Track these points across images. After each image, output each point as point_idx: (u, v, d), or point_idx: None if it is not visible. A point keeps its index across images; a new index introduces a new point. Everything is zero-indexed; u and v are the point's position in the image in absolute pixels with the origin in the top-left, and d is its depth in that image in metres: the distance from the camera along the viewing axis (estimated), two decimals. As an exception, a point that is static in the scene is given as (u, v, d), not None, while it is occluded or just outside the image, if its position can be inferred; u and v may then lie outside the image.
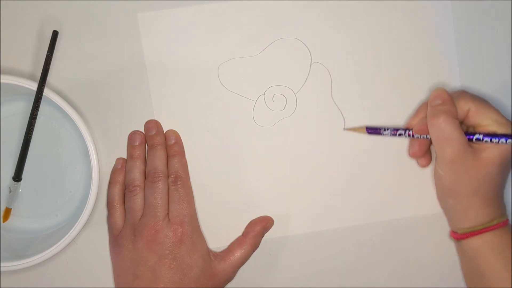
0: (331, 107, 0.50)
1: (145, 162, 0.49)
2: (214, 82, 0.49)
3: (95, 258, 0.50)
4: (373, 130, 0.48)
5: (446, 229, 0.50)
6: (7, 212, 0.49)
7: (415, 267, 0.51)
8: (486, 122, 0.44)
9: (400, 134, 0.47)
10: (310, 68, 0.49)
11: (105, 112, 0.49)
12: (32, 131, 0.46)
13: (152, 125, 0.49)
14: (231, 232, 0.50)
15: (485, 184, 0.44)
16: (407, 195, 0.50)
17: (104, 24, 0.49)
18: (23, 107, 0.49)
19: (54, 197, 0.50)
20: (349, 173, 0.50)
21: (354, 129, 0.49)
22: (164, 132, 0.49)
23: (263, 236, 0.50)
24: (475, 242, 0.45)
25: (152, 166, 0.48)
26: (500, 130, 0.44)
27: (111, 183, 0.49)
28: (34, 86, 0.45)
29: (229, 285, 0.48)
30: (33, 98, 0.46)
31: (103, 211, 0.49)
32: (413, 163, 0.50)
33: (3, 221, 0.49)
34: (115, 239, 0.47)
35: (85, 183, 0.49)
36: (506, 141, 0.43)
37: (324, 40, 0.49)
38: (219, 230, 0.50)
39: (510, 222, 0.46)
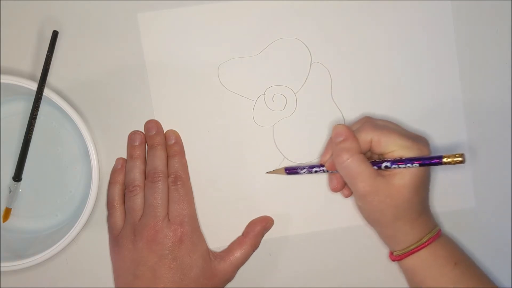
0: (331, 107, 0.50)
1: (145, 162, 0.49)
2: (214, 82, 0.49)
3: (95, 258, 0.50)
4: (292, 170, 0.49)
5: (444, 229, 0.50)
6: (7, 212, 0.49)
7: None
8: (391, 148, 0.44)
9: (316, 171, 0.48)
10: (310, 68, 0.49)
11: (105, 112, 0.49)
12: (32, 131, 0.46)
13: (152, 125, 0.49)
14: (231, 232, 0.50)
15: (404, 209, 0.44)
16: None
17: (104, 24, 0.49)
18: (23, 107, 0.49)
19: (54, 197, 0.50)
20: (349, 173, 0.50)
21: (275, 172, 0.49)
22: (164, 132, 0.49)
23: (263, 236, 0.50)
24: (409, 262, 0.46)
25: (152, 166, 0.48)
26: (406, 153, 0.43)
27: (111, 183, 0.49)
28: (34, 86, 0.45)
29: (229, 285, 0.48)
30: (33, 98, 0.46)
31: (103, 211, 0.49)
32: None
33: (3, 221, 0.49)
34: (115, 239, 0.47)
35: (85, 183, 0.49)
36: (412, 164, 0.43)
37: (324, 40, 0.49)
38: (219, 230, 0.50)
39: (441, 233, 0.46)
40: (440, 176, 0.50)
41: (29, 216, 0.50)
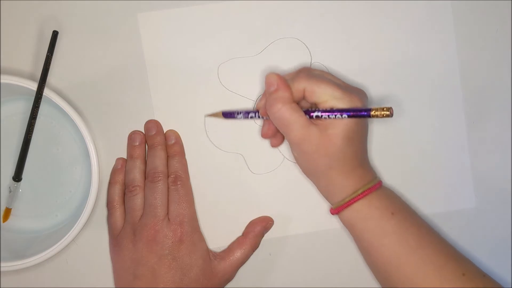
0: (331, 107, 0.50)
1: (145, 162, 0.49)
2: (214, 82, 0.49)
3: (95, 258, 0.50)
4: (229, 115, 0.48)
5: (444, 229, 0.50)
6: (7, 212, 0.49)
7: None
8: (324, 98, 0.43)
9: (251, 117, 0.47)
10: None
11: (105, 112, 0.49)
12: (32, 131, 0.46)
13: (152, 125, 0.49)
14: (231, 232, 0.50)
15: (338, 159, 0.44)
16: (406, 195, 0.50)
17: (104, 24, 0.49)
18: (23, 107, 0.49)
19: (54, 197, 0.50)
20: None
21: (213, 115, 0.49)
22: (164, 132, 0.49)
23: (263, 236, 0.50)
24: (346, 215, 0.45)
25: (152, 166, 0.48)
26: (337, 104, 0.43)
27: (111, 183, 0.49)
28: (34, 86, 0.45)
29: (229, 285, 0.48)
30: (33, 98, 0.46)
31: (103, 211, 0.49)
32: (412, 163, 0.50)
33: (3, 221, 0.49)
34: (115, 239, 0.47)
35: (85, 183, 0.49)
36: (341, 116, 0.42)
37: (324, 40, 0.49)
38: (219, 230, 0.50)
39: (381, 186, 0.46)
40: (440, 176, 0.50)
41: (29, 216, 0.50)
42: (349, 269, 0.51)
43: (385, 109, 0.41)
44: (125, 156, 0.50)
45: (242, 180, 0.50)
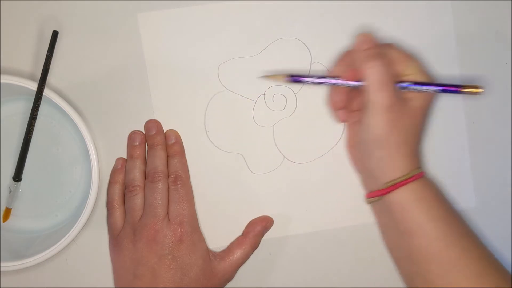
0: (331, 107, 0.50)
1: (145, 162, 0.49)
2: (214, 82, 0.49)
3: (95, 258, 0.50)
4: (295, 78, 0.47)
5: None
6: (7, 212, 0.49)
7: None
8: (410, 71, 0.44)
9: (323, 82, 0.46)
10: (310, 68, 0.49)
11: (105, 112, 0.49)
12: (32, 131, 0.46)
13: (152, 125, 0.49)
14: (231, 232, 0.50)
15: (414, 133, 0.44)
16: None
17: (104, 24, 0.49)
18: (23, 107, 0.49)
19: (54, 197, 0.50)
20: (348, 172, 0.50)
21: (273, 77, 0.48)
22: (164, 131, 0.49)
23: (263, 236, 0.50)
24: (402, 193, 0.44)
25: (152, 166, 0.48)
26: (422, 79, 0.44)
27: (110, 183, 0.49)
28: (34, 86, 0.45)
29: (229, 285, 0.48)
30: (33, 98, 0.46)
31: (103, 211, 0.49)
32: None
33: (3, 221, 0.49)
34: (115, 239, 0.47)
35: (85, 183, 0.49)
36: (428, 89, 0.43)
37: (324, 40, 0.49)
38: (219, 230, 0.50)
39: (426, 174, 0.46)
40: (440, 176, 0.50)
41: (29, 216, 0.50)
42: (349, 269, 0.51)
43: (478, 86, 0.44)
44: (125, 156, 0.50)
45: (242, 180, 0.50)
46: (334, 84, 0.46)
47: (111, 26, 0.49)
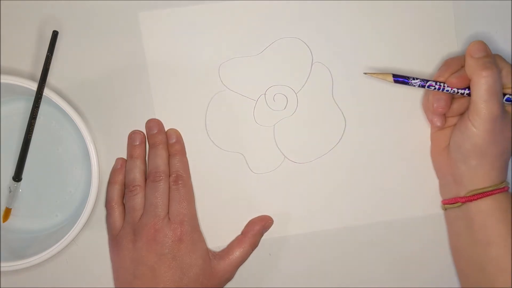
0: (332, 107, 0.50)
1: (145, 162, 0.49)
2: (215, 82, 0.49)
3: (95, 258, 0.50)
4: (401, 79, 0.47)
5: (445, 229, 0.50)
6: (7, 212, 0.49)
7: (414, 267, 0.51)
8: (510, 84, 0.44)
9: (430, 86, 0.46)
10: (311, 68, 0.49)
11: (105, 112, 0.49)
12: (32, 131, 0.46)
13: (154, 124, 0.49)
14: (231, 232, 0.50)
15: (509, 146, 0.45)
16: (407, 195, 0.50)
17: (105, 24, 0.49)
18: (23, 107, 0.49)
19: (54, 197, 0.50)
20: (349, 173, 0.50)
21: (377, 75, 0.47)
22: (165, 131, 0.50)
23: (262, 235, 0.50)
24: (487, 203, 0.45)
25: (154, 166, 0.48)
26: None
27: (110, 183, 0.49)
28: (34, 86, 0.45)
29: (229, 285, 0.48)
30: (33, 98, 0.45)
31: (103, 211, 0.49)
32: (413, 163, 0.50)
33: (3, 221, 0.49)
34: (115, 239, 0.47)
35: (85, 183, 0.49)
36: None
37: (325, 40, 0.49)
38: (219, 229, 0.50)
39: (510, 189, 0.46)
40: (440, 176, 0.50)
41: (29, 216, 0.50)
42: (349, 269, 0.51)
43: None
44: (125, 156, 0.49)
45: (242, 180, 0.50)
46: (439, 89, 0.46)
47: (112, 26, 0.49)
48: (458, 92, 0.45)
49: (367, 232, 0.50)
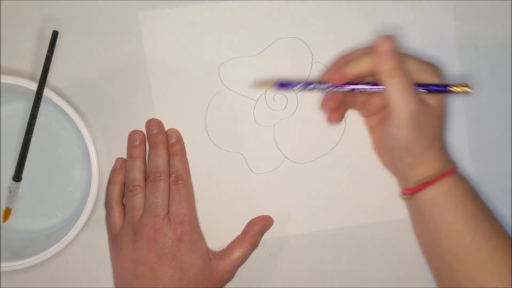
0: (331, 107, 0.50)
1: (145, 162, 0.49)
2: (215, 81, 0.49)
3: (95, 258, 0.50)
4: (285, 85, 0.46)
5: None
6: (7, 212, 0.49)
7: (414, 267, 0.51)
8: (413, 70, 0.44)
9: (313, 88, 0.46)
10: (311, 68, 0.49)
11: (105, 112, 0.49)
12: (32, 131, 0.46)
13: (154, 124, 0.49)
14: (231, 232, 0.50)
15: (437, 133, 0.44)
16: (407, 195, 0.50)
17: (105, 23, 0.49)
18: (23, 107, 0.49)
19: (54, 197, 0.50)
20: (349, 173, 0.50)
21: (263, 83, 0.48)
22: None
23: (262, 235, 0.50)
24: (431, 191, 0.44)
25: (154, 166, 0.48)
26: (426, 76, 0.44)
27: (110, 183, 0.49)
28: (34, 86, 0.45)
29: (229, 285, 0.48)
30: (33, 98, 0.45)
31: (103, 211, 0.49)
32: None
33: (3, 221, 0.49)
34: (115, 239, 0.47)
35: (85, 183, 0.49)
36: (417, 89, 0.43)
37: (325, 39, 0.49)
38: (219, 229, 0.50)
39: (457, 169, 0.46)
40: (440, 176, 0.50)
41: (29, 216, 0.50)
42: (349, 269, 0.51)
43: (464, 85, 0.43)
44: (125, 156, 0.49)
45: (242, 180, 0.50)
46: (321, 89, 0.45)
47: (112, 26, 0.49)
48: (343, 90, 0.45)
49: (367, 232, 0.50)
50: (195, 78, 0.49)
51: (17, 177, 0.47)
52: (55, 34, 0.46)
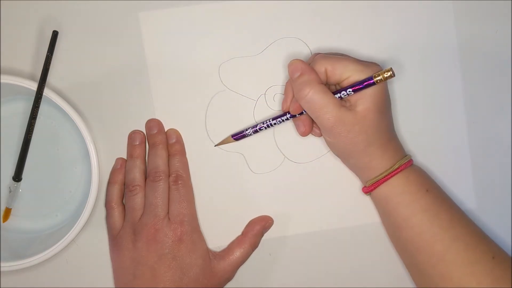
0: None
1: (145, 162, 0.49)
2: (215, 82, 0.49)
3: (95, 258, 0.50)
4: (239, 135, 0.49)
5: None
6: (7, 212, 0.49)
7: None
8: (347, 74, 0.44)
9: (269, 125, 0.48)
10: (311, 68, 0.49)
11: (105, 112, 0.49)
12: (32, 131, 0.46)
13: (154, 124, 0.49)
14: (231, 232, 0.50)
15: (374, 133, 0.44)
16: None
17: (105, 24, 0.49)
18: (23, 107, 0.49)
19: (54, 197, 0.50)
20: (349, 172, 0.50)
21: (223, 142, 0.49)
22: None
23: (262, 235, 0.50)
24: (382, 190, 0.45)
25: (154, 165, 0.48)
26: (362, 77, 0.43)
27: (110, 183, 0.49)
28: (34, 86, 0.45)
29: (229, 285, 0.48)
30: (33, 98, 0.45)
31: (103, 211, 0.49)
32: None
33: (3, 221, 0.49)
34: (115, 239, 0.47)
35: (85, 183, 0.49)
36: (363, 86, 0.43)
37: (325, 39, 0.49)
38: (219, 229, 0.50)
39: (413, 163, 0.46)
40: (440, 176, 0.50)
41: (29, 216, 0.50)
42: (349, 269, 0.51)
43: (385, 71, 0.42)
44: (125, 156, 0.49)
45: (242, 180, 0.50)
46: (270, 126, 0.48)
47: (112, 26, 0.49)
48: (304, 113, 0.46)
49: (367, 232, 0.50)
50: (195, 78, 0.49)
51: (17, 177, 0.47)
52: (55, 34, 0.46)
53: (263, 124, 0.48)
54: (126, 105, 0.49)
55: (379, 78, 0.43)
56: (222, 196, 0.50)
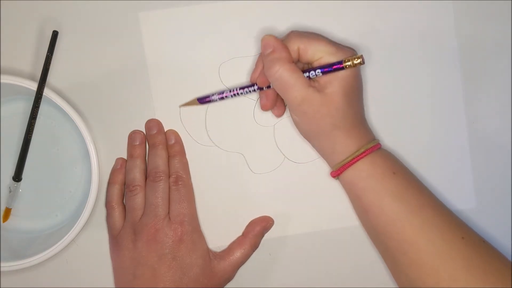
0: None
1: (145, 162, 0.49)
2: (215, 82, 0.49)
3: (95, 258, 0.50)
4: (204, 99, 0.48)
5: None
6: (7, 212, 0.49)
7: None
8: (318, 55, 0.44)
9: (236, 94, 0.47)
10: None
11: (105, 112, 0.49)
12: (32, 131, 0.46)
13: (153, 124, 0.49)
14: (231, 232, 0.50)
15: (340, 117, 0.44)
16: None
17: (105, 24, 0.49)
18: (23, 107, 0.49)
19: (54, 197, 0.50)
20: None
21: (187, 104, 0.49)
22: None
23: (263, 236, 0.50)
24: (349, 175, 0.45)
25: (154, 166, 0.48)
26: (332, 59, 0.43)
27: (110, 183, 0.49)
28: (34, 86, 0.45)
29: (229, 285, 0.48)
30: (33, 98, 0.46)
31: (103, 211, 0.49)
32: (412, 164, 0.50)
33: (3, 221, 0.49)
34: (115, 239, 0.47)
35: (85, 183, 0.49)
36: (332, 69, 0.43)
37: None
38: (219, 230, 0.50)
39: (381, 147, 0.46)
40: (440, 176, 0.50)
41: (29, 216, 0.50)
42: (349, 269, 0.51)
43: (355, 58, 0.42)
44: (125, 156, 0.50)
45: (242, 180, 0.50)
46: (236, 95, 0.47)
47: (112, 26, 0.49)
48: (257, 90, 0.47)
49: (367, 232, 0.50)
50: (195, 78, 0.49)
51: (17, 177, 0.47)
52: (55, 34, 0.46)
53: (230, 92, 0.47)
54: (126, 105, 0.49)
55: (348, 63, 0.42)
56: (222, 196, 0.50)
